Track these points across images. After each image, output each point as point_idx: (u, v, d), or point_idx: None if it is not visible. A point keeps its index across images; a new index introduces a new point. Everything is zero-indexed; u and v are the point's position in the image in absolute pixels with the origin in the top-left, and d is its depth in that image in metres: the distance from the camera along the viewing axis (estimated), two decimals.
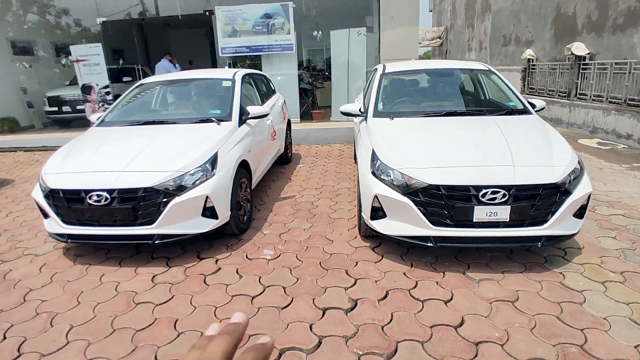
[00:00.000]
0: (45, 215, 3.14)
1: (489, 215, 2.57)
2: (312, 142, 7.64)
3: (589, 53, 8.99)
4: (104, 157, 3.11)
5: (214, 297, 2.60)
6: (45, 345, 2.20)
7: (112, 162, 3.00)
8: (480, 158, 2.69)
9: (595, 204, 3.94)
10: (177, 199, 2.86)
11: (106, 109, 8.52)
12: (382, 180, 2.81)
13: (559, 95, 9.83)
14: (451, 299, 2.50)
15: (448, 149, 2.83)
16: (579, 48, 9.03)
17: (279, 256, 3.14)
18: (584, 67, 9.01)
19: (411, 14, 7.08)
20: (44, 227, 3.24)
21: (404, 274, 2.82)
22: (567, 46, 9.29)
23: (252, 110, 3.90)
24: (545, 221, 2.62)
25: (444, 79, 4.12)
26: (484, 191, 2.54)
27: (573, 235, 2.79)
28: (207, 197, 2.96)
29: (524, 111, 3.49)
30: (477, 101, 3.96)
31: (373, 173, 2.90)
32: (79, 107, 8.90)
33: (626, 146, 6.96)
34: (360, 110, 3.73)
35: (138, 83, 4.41)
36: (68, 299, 2.65)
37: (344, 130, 7.55)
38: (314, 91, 9.84)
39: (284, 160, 5.95)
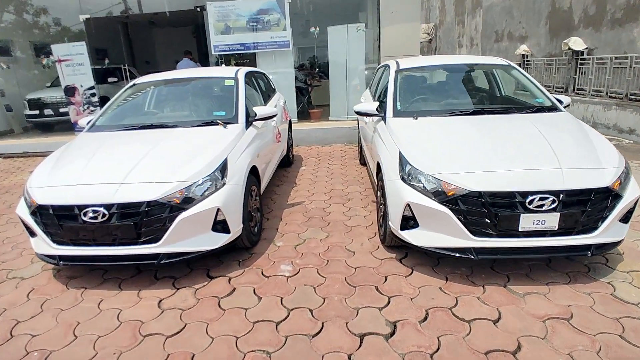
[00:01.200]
0: (32, 234, 2.78)
1: (536, 224, 2.33)
2: (311, 142, 7.35)
3: (586, 48, 8.92)
4: (99, 167, 2.75)
5: (233, 324, 2.29)
6: None
7: (110, 173, 2.65)
8: (524, 161, 2.44)
9: None
10: (185, 213, 2.54)
11: (92, 111, 8.08)
12: (414, 187, 2.55)
13: (555, 91, 9.75)
14: (499, 318, 2.25)
15: (486, 151, 2.57)
16: (577, 43, 8.96)
17: (298, 272, 2.85)
18: (581, 62, 8.94)
19: (412, 8, 6.84)
20: (31, 246, 2.88)
21: (440, 289, 2.56)
22: (565, 41, 9.21)
23: (259, 111, 3.59)
24: (595, 228, 2.40)
25: (462, 75, 3.88)
26: (530, 198, 2.30)
27: (620, 242, 2.57)
28: (218, 209, 2.64)
29: (553, 108, 3.27)
30: (502, 98, 3.74)
31: (403, 179, 2.63)
32: (62, 110, 8.40)
33: (631, 141, 6.87)
34: (377, 109, 3.45)
35: (131, 83, 4.05)
36: (63, 332, 2.30)
37: (345, 130, 7.28)
38: (309, 90, 9.53)
39: (286, 163, 5.66)
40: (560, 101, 3.40)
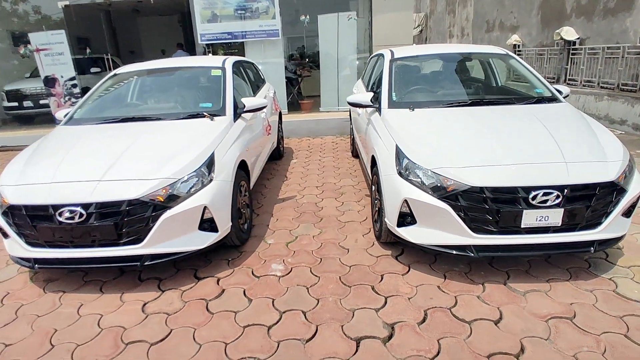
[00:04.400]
0: (5, 235, 2.60)
1: (539, 220, 2.24)
2: (302, 134, 7.19)
3: (578, 38, 8.86)
4: (75, 164, 2.57)
5: (222, 329, 2.16)
6: None
7: (87, 170, 2.47)
8: (527, 154, 2.34)
9: None
10: (169, 212, 2.38)
11: (73, 103, 7.77)
12: (411, 182, 2.43)
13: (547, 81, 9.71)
14: (501, 318, 2.16)
15: (487, 144, 2.46)
16: (569, 33, 8.89)
17: (290, 271, 2.72)
18: (573, 52, 8.89)
19: None
20: (5, 248, 2.69)
21: (439, 287, 2.46)
22: (557, 31, 9.14)
23: (248, 102, 3.41)
24: (599, 224, 2.31)
25: (459, 64, 3.75)
26: (534, 193, 2.20)
27: (623, 237, 2.50)
28: (205, 207, 2.49)
29: (553, 99, 3.17)
30: (500, 88, 3.63)
31: (400, 173, 2.50)
32: (42, 102, 8.07)
33: (623, 132, 6.86)
34: (371, 100, 3.31)
35: (111, 73, 3.83)
36: (39, 341, 2.15)
37: (336, 121, 7.13)
38: (299, 80, 9.33)
39: (277, 156, 5.50)
40: (559, 91, 3.30)
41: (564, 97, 3.28)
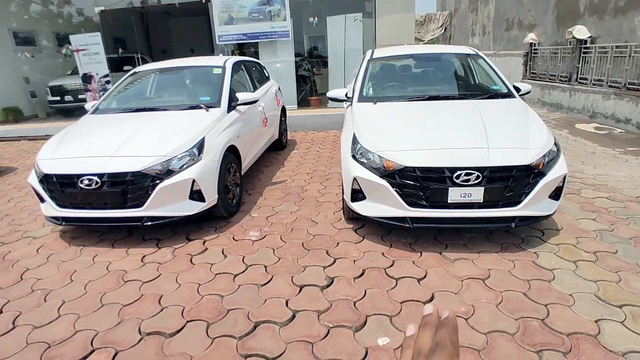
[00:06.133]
0: (42, 200, 3.28)
1: (463, 197, 2.64)
2: (308, 128, 7.71)
3: (590, 36, 8.83)
4: (95, 143, 3.22)
5: (198, 275, 2.73)
6: (38, 319, 2.35)
7: (103, 148, 3.11)
8: (456, 141, 2.75)
9: (581, 186, 3.99)
10: (164, 183, 2.97)
11: None
12: (361, 163, 2.89)
13: (560, 80, 9.71)
14: (425, 277, 2.59)
15: (426, 132, 2.89)
16: (581, 31, 8.88)
17: (264, 237, 3.26)
18: (585, 50, 8.87)
19: None
20: (41, 211, 3.39)
21: (383, 254, 2.91)
22: (569, 30, 9.14)
23: (242, 96, 3.97)
24: (519, 202, 2.69)
25: (431, 63, 4.14)
26: (457, 173, 2.61)
27: (548, 216, 2.85)
28: (193, 180, 3.06)
29: (508, 95, 3.52)
30: (461, 85, 3.99)
31: (353, 156, 2.98)
32: (80, 96, 9.04)
33: (623, 130, 6.91)
34: (346, 95, 3.78)
35: (132, 71, 4.50)
36: (62, 277, 2.80)
37: (340, 116, 7.53)
38: (312, 78, 9.83)
39: (279, 147, 6.04)
40: (518, 89, 3.64)
41: (522, 94, 3.61)
